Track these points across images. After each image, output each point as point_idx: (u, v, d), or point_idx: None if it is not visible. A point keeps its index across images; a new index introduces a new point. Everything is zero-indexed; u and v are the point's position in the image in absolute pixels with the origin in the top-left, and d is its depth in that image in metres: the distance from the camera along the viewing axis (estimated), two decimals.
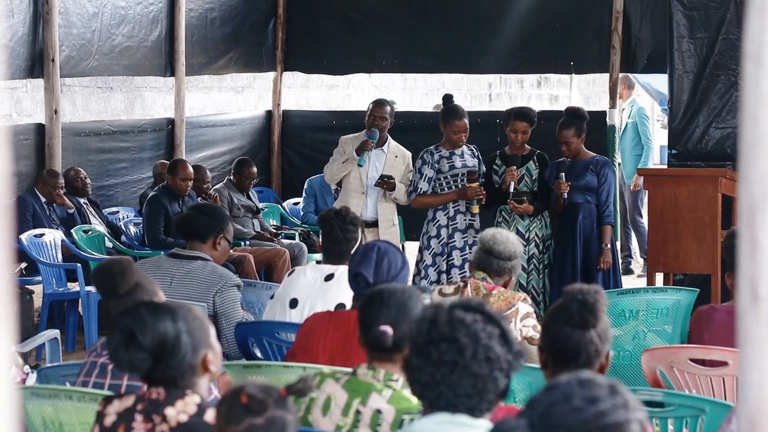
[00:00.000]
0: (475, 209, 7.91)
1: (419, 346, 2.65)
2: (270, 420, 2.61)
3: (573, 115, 7.89)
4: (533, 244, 7.87)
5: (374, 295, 3.63)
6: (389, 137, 8.29)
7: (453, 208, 7.98)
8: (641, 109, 12.02)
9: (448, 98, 8.15)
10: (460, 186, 7.94)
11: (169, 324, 3.00)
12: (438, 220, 8.00)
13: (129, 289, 3.91)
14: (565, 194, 7.74)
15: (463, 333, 2.62)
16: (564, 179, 7.73)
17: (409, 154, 8.31)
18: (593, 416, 1.96)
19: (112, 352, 3.00)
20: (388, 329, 3.49)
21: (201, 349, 3.03)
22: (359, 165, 8.13)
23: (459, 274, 7.81)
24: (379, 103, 8.32)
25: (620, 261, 8.81)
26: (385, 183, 8.10)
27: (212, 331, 3.11)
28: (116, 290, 3.89)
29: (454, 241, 7.94)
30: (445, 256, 7.93)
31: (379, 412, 3.44)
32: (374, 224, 8.18)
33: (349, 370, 3.59)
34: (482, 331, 2.63)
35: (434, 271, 7.95)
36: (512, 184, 7.85)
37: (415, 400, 3.48)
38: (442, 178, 8.00)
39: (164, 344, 2.98)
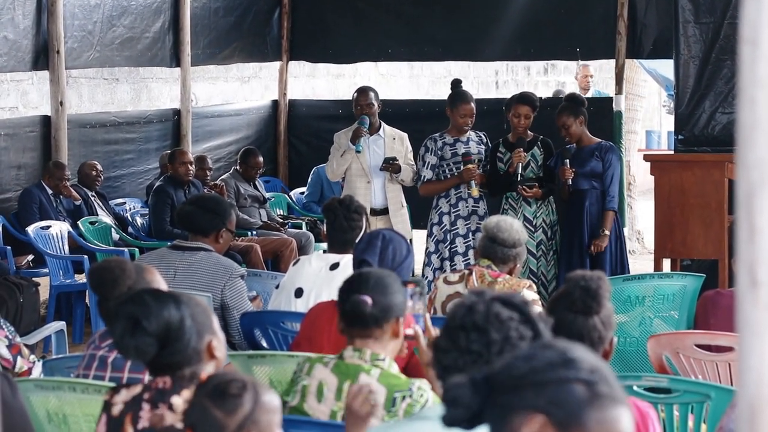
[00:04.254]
0: (474, 192, 7.88)
1: (450, 329, 2.56)
2: (193, 404, 2.67)
3: (568, 99, 8.00)
4: (541, 230, 7.87)
5: (354, 276, 3.69)
6: (382, 122, 8.29)
7: (455, 195, 7.97)
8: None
9: (456, 83, 8.19)
10: None
11: (173, 309, 2.99)
12: (440, 207, 8.01)
13: (130, 288, 3.89)
14: (570, 181, 7.74)
15: (496, 327, 2.51)
16: (568, 166, 7.73)
17: (404, 134, 8.33)
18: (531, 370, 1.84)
19: (117, 339, 2.99)
20: (367, 298, 3.51)
21: (205, 334, 3.03)
22: (357, 151, 8.11)
23: (463, 261, 7.80)
24: (361, 91, 8.36)
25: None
26: (391, 166, 8.09)
27: (215, 319, 3.11)
28: (115, 291, 3.86)
29: (457, 228, 7.94)
30: (447, 243, 7.93)
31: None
32: (383, 212, 8.17)
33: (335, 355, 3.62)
34: (515, 330, 2.51)
35: (437, 258, 7.95)
36: (519, 166, 7.84)
37: (403, 378, 3.50)
38: (445, 165, 7.99)
39: (169, 329, 2.97)
